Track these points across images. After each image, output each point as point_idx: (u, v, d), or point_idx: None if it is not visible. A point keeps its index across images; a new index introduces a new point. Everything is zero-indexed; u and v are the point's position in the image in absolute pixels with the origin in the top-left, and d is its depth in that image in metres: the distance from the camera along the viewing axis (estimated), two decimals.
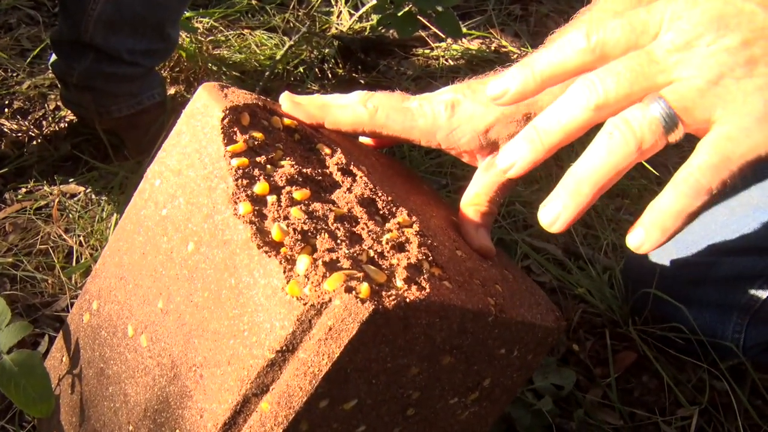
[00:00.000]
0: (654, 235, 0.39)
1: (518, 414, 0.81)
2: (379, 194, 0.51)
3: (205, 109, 0.50)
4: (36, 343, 0.89)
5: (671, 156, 1.21)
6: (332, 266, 0.42)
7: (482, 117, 0.55)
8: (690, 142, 0.40)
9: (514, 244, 1.02)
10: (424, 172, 1.14)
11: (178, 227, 0.50)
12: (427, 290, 0.43)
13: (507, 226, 1.05)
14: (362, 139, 0.63)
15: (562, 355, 0.90)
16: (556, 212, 0.41)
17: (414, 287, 0.43)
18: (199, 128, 0.50)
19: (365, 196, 0.50)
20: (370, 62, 1.44)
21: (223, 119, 0.49)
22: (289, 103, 0.56)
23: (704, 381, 0.85)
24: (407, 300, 0.41)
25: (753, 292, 0.81)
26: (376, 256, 0.45)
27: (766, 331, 0.83)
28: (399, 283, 0.43)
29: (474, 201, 0.57)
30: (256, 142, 0.50)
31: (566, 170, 0.41)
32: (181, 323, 0.48)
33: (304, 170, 0.50)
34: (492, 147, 0.56)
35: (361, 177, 0.51)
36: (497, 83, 0.44)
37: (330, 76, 1.40)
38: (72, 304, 0.92)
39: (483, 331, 0.49)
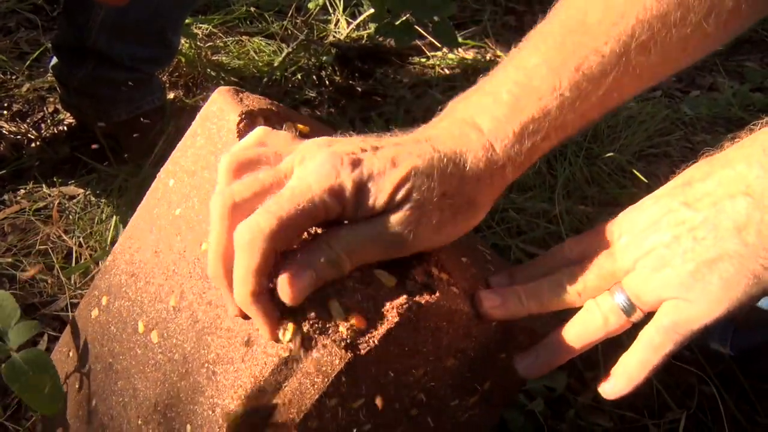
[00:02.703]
0: (621, 382, 0.48)
1: (511, 415, 0.83)
2: None
3: (221, 112, 0.52)
4: (35, 342, 0.89)
5: (661, 165, 1.24)
6: None
7: None
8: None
9: (508, 250, 1.04)
10: None
11: (191, 227, 0.51)
12: (437, 294, 0.45)
13: (501, 232, 1.07)
14: None
15: None
16: (532, 361, 0.51)
17: (425, 292, 0.45)
18: (215, 131, 0.52)
19: None
20: (367, 70, 1.46)
21: (239, 123, 0.50)
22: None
23: (693, 385, 0.87)
24: (420, 303, 0.43)
25: None
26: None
27: (750, 337, 0.85)
28: (410, 287, 0.45)
29: None
30: None
31: (558, 180, 0.46)
32: (193, 320, 0.49)
33: None
34: None
35: None
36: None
37: (327, 83, 1.42)
38: (72, 304, 0.93)
39: (486, 336, 0.51)
